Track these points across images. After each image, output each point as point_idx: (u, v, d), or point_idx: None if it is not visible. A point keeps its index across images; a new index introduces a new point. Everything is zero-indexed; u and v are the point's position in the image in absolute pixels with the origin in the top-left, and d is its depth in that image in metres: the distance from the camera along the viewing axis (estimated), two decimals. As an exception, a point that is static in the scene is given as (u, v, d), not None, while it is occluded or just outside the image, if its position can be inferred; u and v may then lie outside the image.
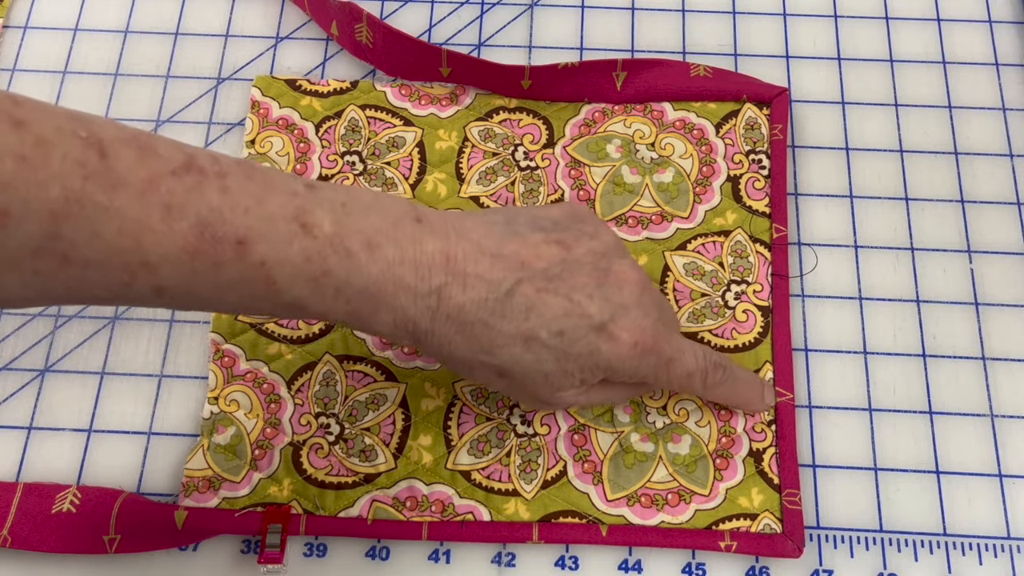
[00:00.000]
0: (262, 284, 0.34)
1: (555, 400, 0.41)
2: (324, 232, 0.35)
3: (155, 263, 0.32)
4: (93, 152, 0.31)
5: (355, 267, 0.35)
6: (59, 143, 0.30)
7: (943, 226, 0.51)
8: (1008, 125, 0.53)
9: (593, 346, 0.39)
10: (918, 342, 0.48)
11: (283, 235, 0.34)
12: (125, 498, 0.44)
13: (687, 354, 0.42)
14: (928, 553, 0.44)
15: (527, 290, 0.38)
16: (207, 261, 0.33)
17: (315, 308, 0.36)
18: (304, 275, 0.35)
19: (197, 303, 0.35)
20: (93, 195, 0.31)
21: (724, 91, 0.52)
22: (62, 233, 0.30)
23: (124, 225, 0.31)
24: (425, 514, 0.44)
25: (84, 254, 0.31)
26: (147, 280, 0.33)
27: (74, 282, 0.32)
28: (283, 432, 0.46)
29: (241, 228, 0.33)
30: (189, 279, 0.33)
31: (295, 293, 0.35)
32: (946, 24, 0.56)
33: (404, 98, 0.53)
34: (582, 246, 0.40)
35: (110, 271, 0.32)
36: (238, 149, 0.53)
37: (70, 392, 0.48)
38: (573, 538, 0.44)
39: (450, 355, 0.38)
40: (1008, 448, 0.46)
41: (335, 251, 0.35)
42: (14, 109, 0.30)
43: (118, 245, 0.31)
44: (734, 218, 0.50)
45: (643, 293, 0.40)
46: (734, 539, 0.44)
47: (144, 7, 0.57)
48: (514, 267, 0.38)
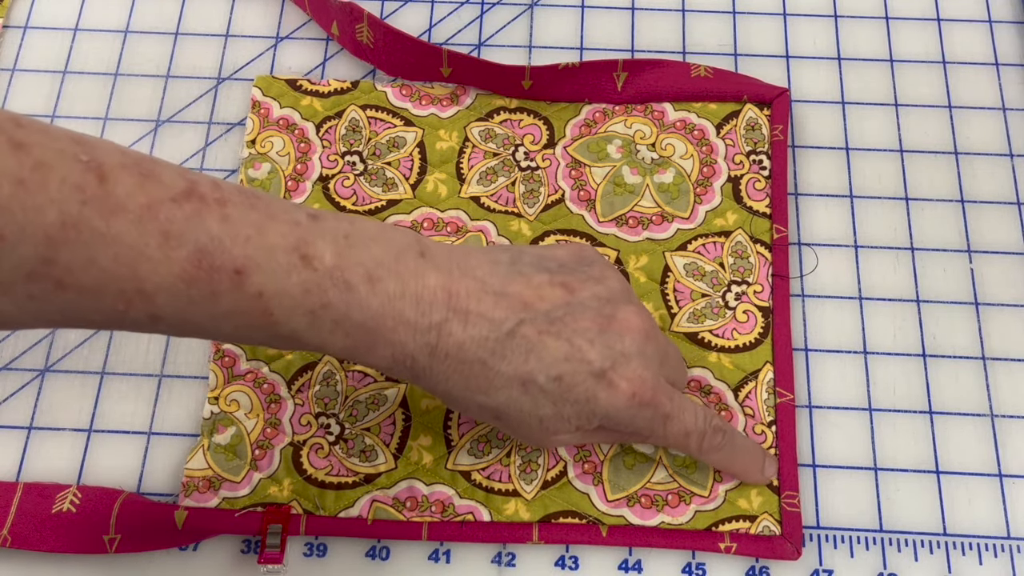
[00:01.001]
0: (259, 315, 0.34)
1: (550, 443, 0.40)
2: (325, 264, 0.34)
3: (151, 291, 0.32)
4: (92, 176, 0.31)
5: (355, 301, 0.35)
6: (59, 167, 0.30)
7: (943, 226, 0.51)
8: (1008, 125, 0.53)
9: (591, 393, 0.38)
10: (918, 342, 0.48)
11: (282, 266, 0.34)
12: (125, 498, 0.44)
13: (687, 413, 0.41)
14: (928, 553, 0.44)
15: (528, 331, 0.37)
16: (204, 290, 0.32)
17: (312, 341, 0.35)
18: (302, 308, 0.34)
19: (193, 331, 0.34)
20: (90, 220, 0.30)
21: (725, 92, 0.52)
22: (58, 258, 0.30)
23: (120, 252, 0.31)
24: (425, 514, 0.44)
25: (79, 280, 0.31)
26: (143, 308, 0.32)
27: (69, 307, 0.32)
28: (283, 432, 0.46)
29: (240, 258, 0.33)
30: (185, 308, 0.33)
31: (292, 325, 0.34)
32: (946, 24, 0.56)
33: (405, 98, 0.53)
34: (587, 290, 0.39)
35: (105, 298, 0.32)
36: (238, 149, 0.53)
37: (70, 392, 0.48)
38: (573, 538, 0.44)
39: (447, 393, 0.38)
40: (1008, 448, 0.46)
41: (335, 284, 0.34)
42: (15, 131, 0.30)
43: (114, 272, 0.31)
44: (735, 219, 0.50)
45: (647, 342, 0.39)
46: (733, 540, 0.44)
47: (144, 7, 0.57)
48: (516, 307, 0.37)
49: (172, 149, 0.53)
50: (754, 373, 0.47)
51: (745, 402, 0.46)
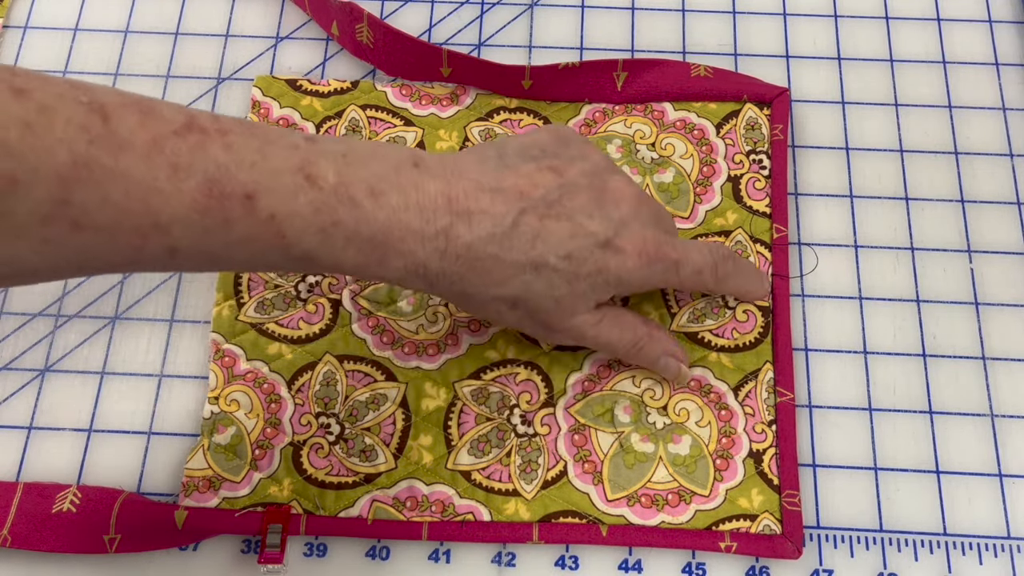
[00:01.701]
0: (272, 238, 0.34)
1: (569, 327, 0.42)
2: (329, 183, 0.35)
3: (166, 224, 0.32)
4: (96, 116, 0.31)
5: (362, 216, 0.36)
6: (62, 109, 0.30)
7: (943, 226, 0.51)
8: (1008, 125, 0.53)
9: (601, 263, 0.40)
10: (918, 342, 0.48)
11: (289, 188, 0.34)
12: (125, 498, 0.44)
13: (693, 252, 0.43)
14: (928, 553, 0.44)
15: (530, 219, 0.39)
16: (217, 218, 0.33)
17: (326, 260, 0.36)
18: (313, 227, 0.35)
19: (209, 262, 0.35)
20: (99, 158, 0.31)
21: (725, 91, 0.52)
22: (72, 198, 0.30)
23: (132, 187, 0.31)
24: (425, 514, 0.44)
25: (94, 219, 0.31)
26: (159, 242, 0.33)
27: (86, 248, 0.32)
28: (283, 432, 0.46)
29: (248, 183, 0.33)
30: (201, 238, 0.33)
31: (305, 246, 0.35)
32: (946, 24, 0.56)
33: (405, 98, 0.53)
34: (574, 168, 0.41)
35: (121, 235, 0.32)
36: (238, 149, 0.53)
37: (70, 392, 0.48)
38: (573, 538, 0.44)
39: (462, 292, 0.39)
40: (1008, 448, 0.46)
41: (341, 201, 0.35)
42: (13, 79, 0.30)
43: (127, 208, 0.31)
44: (735, 218, 0.50)
45: (640, 206, 0.41)
46: (734, 540, 0.44)
47: (144, 7, 0.57)
48: (514, 199, 0.39)
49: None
50: (754, 372, 0.47)
51: (745, 401, 0.46)
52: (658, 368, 0.45)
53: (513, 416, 0.46)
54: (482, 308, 0.41)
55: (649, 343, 0.44)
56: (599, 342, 0.43)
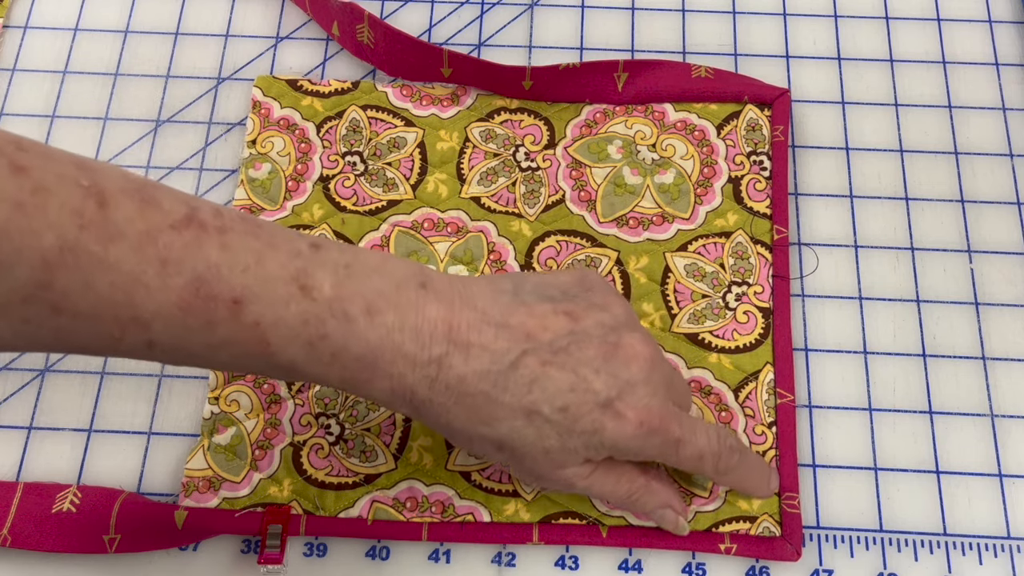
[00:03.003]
0: (255, 344, 0.33)
1: (556, 478, 0.39)
2: (324, 295, 0.34)
3: (147, 319, 0.32)
4: (92, 202, 0.30)
5: (353, 332, 0.34)
6: (58, 191, 0.30)
7: (943, 226, 0.51)
8: (1008, 125, 0.53)
9: (598, 423, 0.37)
10: (918, 342, 0.48)
11: (281, 296, 0.33)
12: (125, 498, 0.44)
13: (699, 435, 0.40)
14: (928, 553, 0.44)
15: (531, 362, 0.37)
16: (200, 319, 0.32)
17: (310, 372, 0.35)
18: (300, 338, 0.34)
19: (189, 359, 0.34)
20: (87, 246, 0.30)
21: (725, 92, 0.52)
22: (54, 283, 0.30)
23: (117, 279, 0.31)
24: (425, 515, 0.44)
25: (75, 305, 0.31)
26: (138, 335, 0.32)
27: (64, 332, 0.31)
28: (283, 432, 0.46)
29: (238, 287, 0.33)
30: (181, 336, 0.32)
31: (289, 356, 0.34)
32: (946, 24, 0.56)
33: (405, 99, 0.53)
34: (591, 318, 0.38)
35: (101, 324, 0.31)
36: (238, 149, 0.53)
37: (70, 392, 0.48)
38: (573, 539, 0.44)
39: (448, 425, 0.37)
40: (1008, 448, 0.46)
41: (333, 315, 0.34)
42: (16, 154, 0.30)
43: (110, 298, 0.31)
44: (735, 219, 0.50)
45: (652, 370, 0.39)
46: (733, 541, 0.44)
47: (144, 7, 0.57)
48: (519, 338, 0.37)
49: (172, 149, 0.53)
50: (754, 374, 0.47)
51: (745, 403, 0.46)
52: (654, 519, 0.43)
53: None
54: (468, 444, 0.39)
55: (645, 494, 0.42)
56: (591, 492, 0.41)
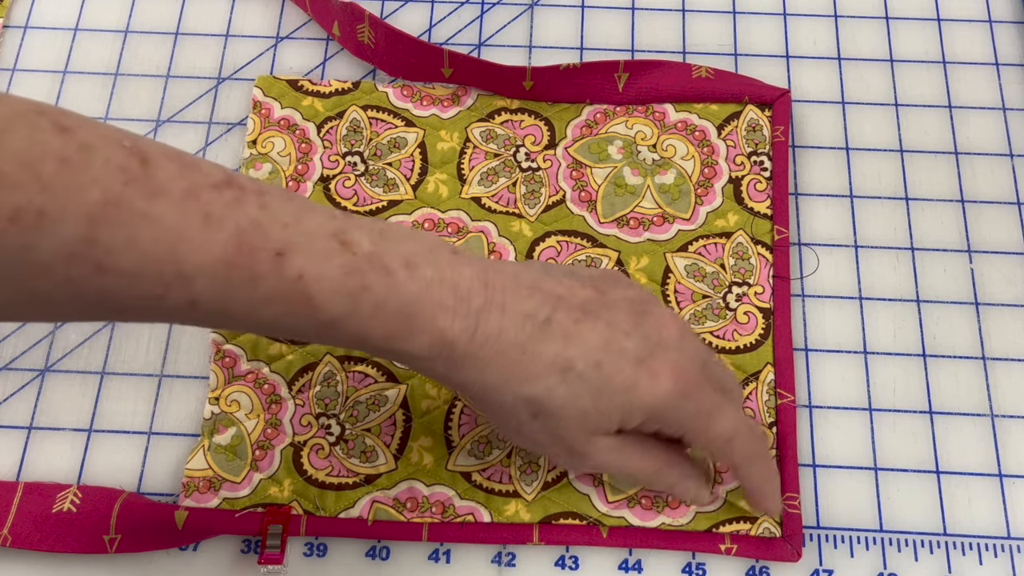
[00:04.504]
0: (299, 299, 0.33)
1: (589, 449, 0.39)
2: (363, 250, 0.34)
3: (190, 274, 0.31)
4: (135, 160, 0.31)
5: (394, 285, 0.34)
6: (103, 148, 0.30)
7: (943, 226, 0.51)
8: (1008, 125, 0.54)
9: (631, 381, 0.37)
10: (918, 342, 0.49)
11: (322, 250, 0.33)
12: (125, 498, 0.44)
13: (732, 414, 0.39)
14: (928, 553, 0.44)
15: (564, 319, 0.37)
16: (244, 273, 0.32)
17: (351, 328, 0.34)
18: (342, 291, 0.34)
19: (230, 320, 0.34)
20: (132, 200, 0.30)
21: (726, 92, 0.52)
22: (98, 238, 0.30)
23: (161, 233, 0.31)
24: (425, 515, 0.44)
25: (119, 262, 0.30)
26: (181, 292, 0.32)
27: (107, 291, 0.31)
28: (284, 433, 0.46)
29: (280, 240, 0.33)
30: (224, 292, 0.32)
31: (332, 310, 0.34)
32: (946, 24, 0.56)
33: (406, 99, 0.53)
34: (617, 293, 0.39)
35: (144, 281, 0.31)
36: (238, 149, 0.53)
37: (70, 392, 0.48)
38: (573, 539, 0.44)
39: (483, 385, 0.37)
40: (1008, 448, 0.46)
41: (374, 268, 0.34)
42: (61, 117, 0.30)
43: (153, 254, 0.31)
44: (736, 220, 0.50)
45: (683, 339, 0.39)
46: (734, 542, 0.44)
47: (144, 7, 0.57)
48: (550, 299, 0.37)
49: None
50: (755, 374, 0.47)
51: (746, 403, 0.46)
52: (678, 492, 0.42)
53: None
54: (502, 412, 0.38)
55: (670, 468, 0.41)
56: (620, 467, 0.40)
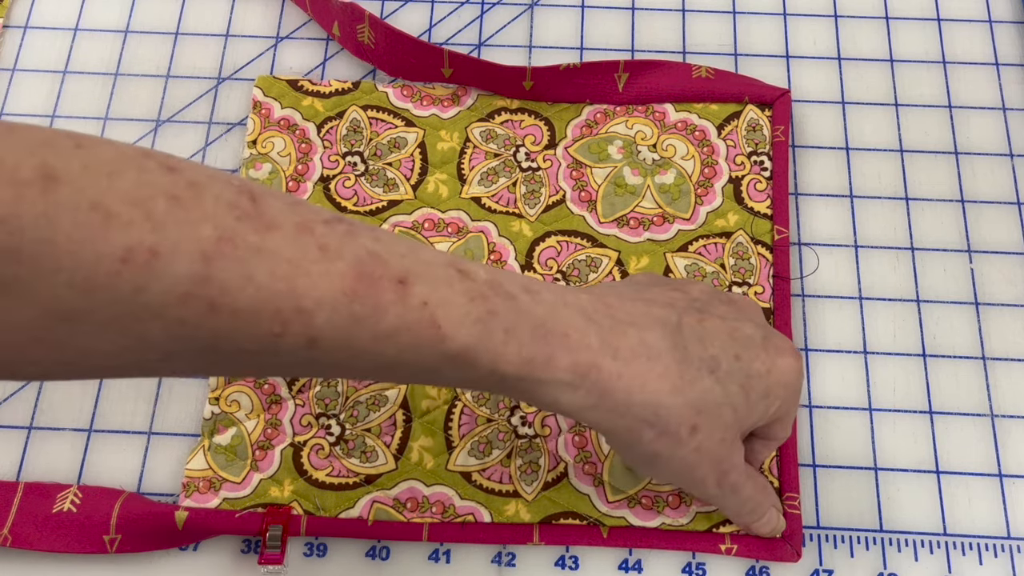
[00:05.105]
0: (426, 329, 0.32)
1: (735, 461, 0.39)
2: (481, 277, 0.33)
3: (311, 308, 0.30)
4: (245, 197, 0.30)
5: (520, 308, 0.33)
6: (211, 186, 0.29)
7: (943, 226, 0.51)
8: (1008, 125, 0.54)
9: (768, 362, 0.38)
10: (918, 342, 0.49)
11: (443, 277, 0.32)
12: (126, 498, 0.44)
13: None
14: (928, 553, 0.44)
15: (690, 321, 0.37)
16: (367, 304, 0.30)
17: (483, 358, 0.33)
18: (470, 316, 0.32)
19: (349, 359, 0.32)
20: (245, 235, 0.29)
21: (726, 92, 0.52)
22: (212, 275, 0.28)
23: (278, 268, 0.29)
24: (426, 515, 0.44)
25: (234, 300, 0.29)
26: (300, 329, 0.30)
27: (221, 333, 0.29)
28: (284, 433, 0.46)
29: (400, 269, 0.31)
30: (347, 327, 0.31)
31: (463, 339, 0.32)
32: (946, 24, 0.56)
33: (406, 99, 0.53)
34: (694, 289, 0.39)
35: (261, 320, 0.29)
36: (238, 149, 0.53)
37: (70, 392, 0.48)
38: (573, 539, 0.44)
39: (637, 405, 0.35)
40: (1008, 448, 0.46)
41: (496, 293, 0.33)
42: (168, 159, 0.29)
43: (271, 288, 0.29)
44: (736, 220, 0.50)
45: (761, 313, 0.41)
46: (734, 542, 0.44)
47: (144, 7, 0.57)
48: (666, 305, 0.37)
49: (172, 149, 0.53)
50: None
51: (746, 403, 0.46)
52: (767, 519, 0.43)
53: (514, 417, 0.46)
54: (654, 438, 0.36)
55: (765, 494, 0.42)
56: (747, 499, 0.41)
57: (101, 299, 0.27)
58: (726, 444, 0.37)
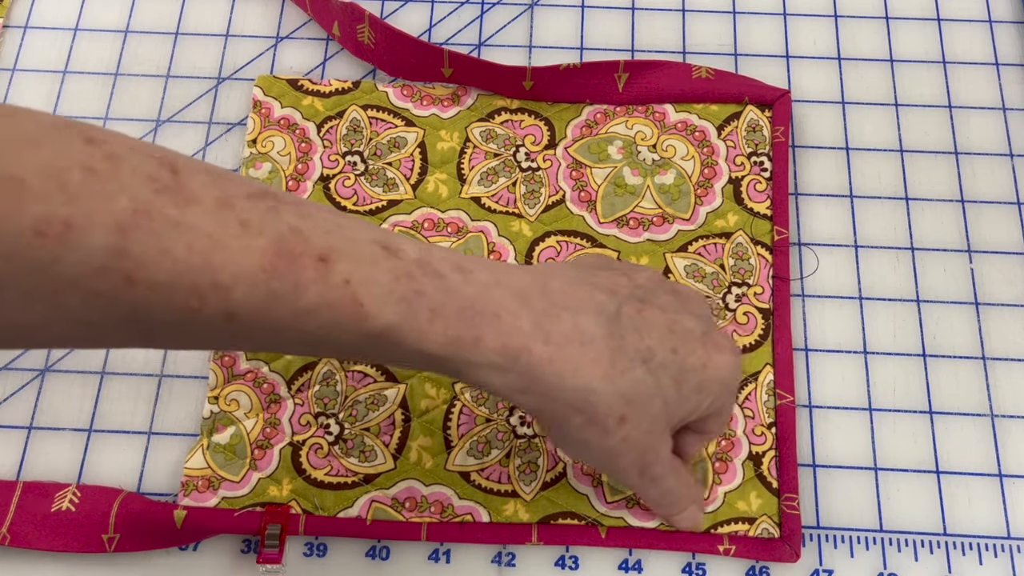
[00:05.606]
0: (348, 306, 0.31)
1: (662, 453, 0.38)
2: (410, 256, 0.32)
3: (228, 283, 0.29)
4: (165, 170, 0.29)
5: (448, 288, 0.33)
6: (130, 158, 0.29)
7: (943, 226, 0.51)
8: (1008, 125, 0.53)
9: (704, 357, 0.37)
10: (918, 342, 0.48)
11: (367, 255, 0.32)
12: (124, 497, 0.44)
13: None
14: (928, 553, 0.44)
15: (630, 310, 0.36)
16: (286, 280, 0.30)
17: (408, 337, 0.32)
18: (394, 295, 0.32)
19: (271, 335, 0.31)
20: (163, 208, 0.29)
21: (726, 93, 0.52)
22: (128, 249, 0.28)
23: (196, 241, 0.29)
24: (424, 515, 0.44)
25: (151, 274, 0.29)
26: (218, 304, 0.30)
27: (139, 306, 0.29)
28: (283, 432, 0.46)
29: (322, 246, 0.31)
30: (266, 303, 0.30)
31: (385, 318, 0.31)
32: (946, 24, 0.56)
33: (406, 98, 0.53)
34: (640, 275, 0.39)
35: (178, 293, 0.29)
36: (238, 149, 0.53)
37: (70, 392, 0.48)
38: (572, 539, 0.44)
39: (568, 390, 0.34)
40: (1008, 448, 0.46)
41: (425, 272, 0.32)
42: (88, 130, 0.29)
43: (187, 263, 0.29)
44: (735, 220, 0.50)
45: (708, 307, 0.40)
46: (732, 543, 0.44)
47: (144, 7, 0.57)
48: (608, 291, 0.37)
49: (172, 149, 0.53)
50: (754, 375, 0.47)
51: (745, 404, 0.46)
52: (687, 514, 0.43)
53: (512, 417, 0.46)
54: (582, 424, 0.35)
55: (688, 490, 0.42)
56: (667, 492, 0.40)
57: (20, 268, 0.27)
58: (653, 435, 0.37)
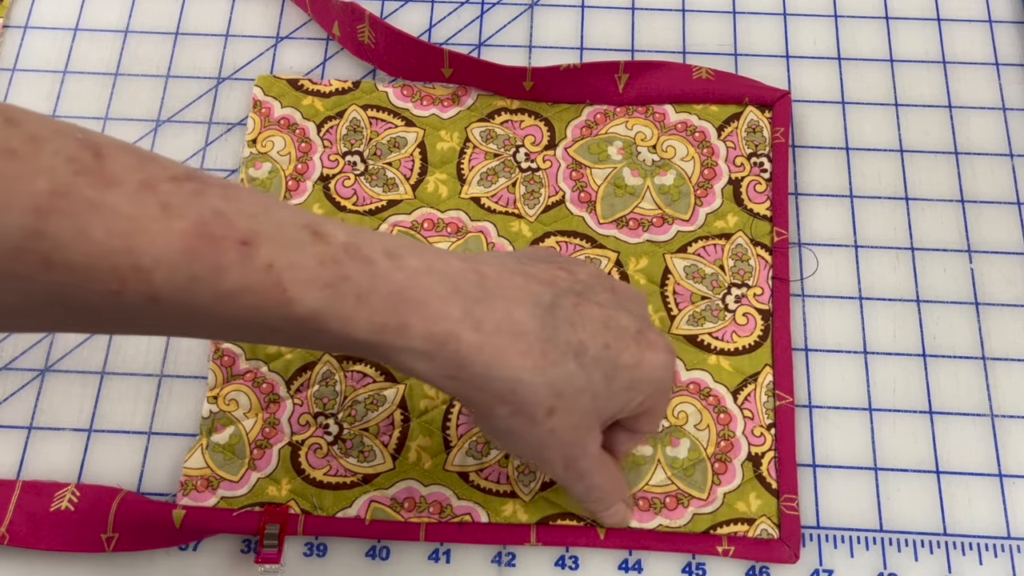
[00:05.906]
0: (271, 290, 0.30)
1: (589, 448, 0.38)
2: (338, 240, 0.32)
3: (148, 266, 0.29)
4: (88, 152, 0.29)
5: (376, 274, 0.32)
6: (52, 140, 0.29)
7: (943, 226, 0.51)
8: (1008, 125, 0.53)
9: (637, 355, 0.37)
10: (918, 342, 0.48)
11: (293, 240, 0.31)
12: (123, 496, 0.44)
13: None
14: (928, 553, 0.44)
15: (566, 303, 0.36)
16: (207, 264, 0.30)
17: (333, 323, 0.32)
18: (319, 280, 0.31)
19: (195, 318, 0.31)
20: (82, 189, 0.28)
21: (726, 94, 0.52)
22: (46, 231, 0.28)
23: (115, 224, 0.28)
24: (423, 515, 0.44)
25: (69, 257, 0.28)
26: (139, 287, 0.29)
27: (58, 288, 0.29)
28: (282, 432, 0.46)
29: (245, 230, 0.30)
30: (187, 286, 0.30)
31: (310, 303, 0.31)
32: (946, 24, 0.56)
33: (406, 98, 0.53)
34: (581, 271, 0.39)
35: (97, 276, 0.29)
36: (238, 149, 0.53)
37: (70, 392, 0.48)
38: (571, 540, 0.44)
39: (495, 379, 0.34)
40: (1008, 448, 0.46)
41: (352, 258, 0.32)
42: (11, 111, 0.29)
43: (106, 245, 0.28)
44: (735, 221, 0.50)
45: (645, 307, 0.40)
46: (731, 544, 0.44)
47: (144, 7, 0.57)
48: (545, 283, 0.36)
49: (172, 149, 0.53)
50: (753, 376, 0.47)
51: (744, 405, 0.46)
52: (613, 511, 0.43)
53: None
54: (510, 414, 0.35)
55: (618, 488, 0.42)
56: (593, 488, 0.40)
57: None
58: (580, 430, 0.37)
